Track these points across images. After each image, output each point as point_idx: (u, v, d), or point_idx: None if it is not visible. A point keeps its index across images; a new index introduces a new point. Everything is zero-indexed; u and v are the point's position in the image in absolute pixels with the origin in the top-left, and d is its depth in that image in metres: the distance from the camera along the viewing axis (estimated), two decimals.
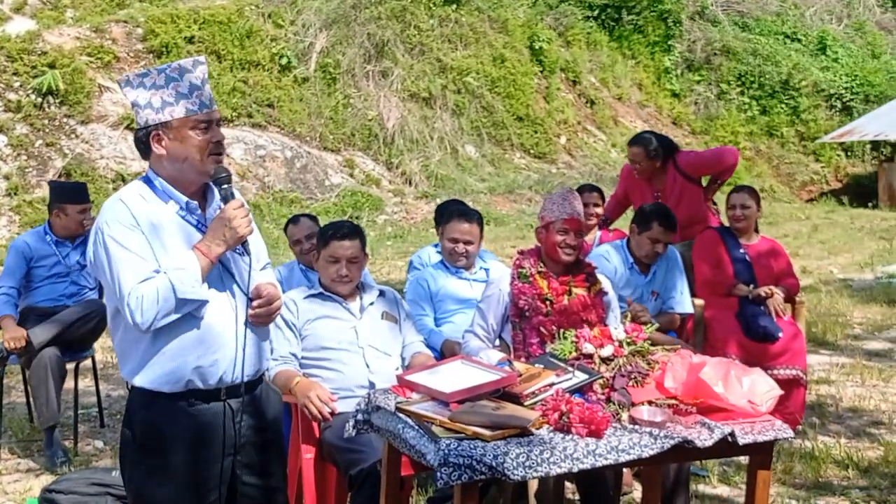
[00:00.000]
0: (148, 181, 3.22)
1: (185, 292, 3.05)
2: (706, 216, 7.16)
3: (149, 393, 3.18)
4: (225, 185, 3.20)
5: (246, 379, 3.25)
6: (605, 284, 4.90)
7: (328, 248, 4.70)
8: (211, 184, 3.25)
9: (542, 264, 4.78)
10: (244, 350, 3.20)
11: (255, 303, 3.23)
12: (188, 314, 3.11)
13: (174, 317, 3.07)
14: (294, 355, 4.61)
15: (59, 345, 6.07)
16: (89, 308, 6.27)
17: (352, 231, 4.79)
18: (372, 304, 4.79)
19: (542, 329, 4.63)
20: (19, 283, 6.28)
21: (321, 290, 4.73)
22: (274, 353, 4.45)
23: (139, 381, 3.18)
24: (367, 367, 4.61)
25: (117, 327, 3.21)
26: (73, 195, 6.51)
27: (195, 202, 3.22)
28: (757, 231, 6.72)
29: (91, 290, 6.54)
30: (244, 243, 3.20)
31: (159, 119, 3.14)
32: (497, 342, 4.90)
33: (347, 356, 4.61)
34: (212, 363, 3.17)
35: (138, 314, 3.03)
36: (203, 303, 3.12)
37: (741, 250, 6.54)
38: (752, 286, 6.41)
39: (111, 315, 3.24)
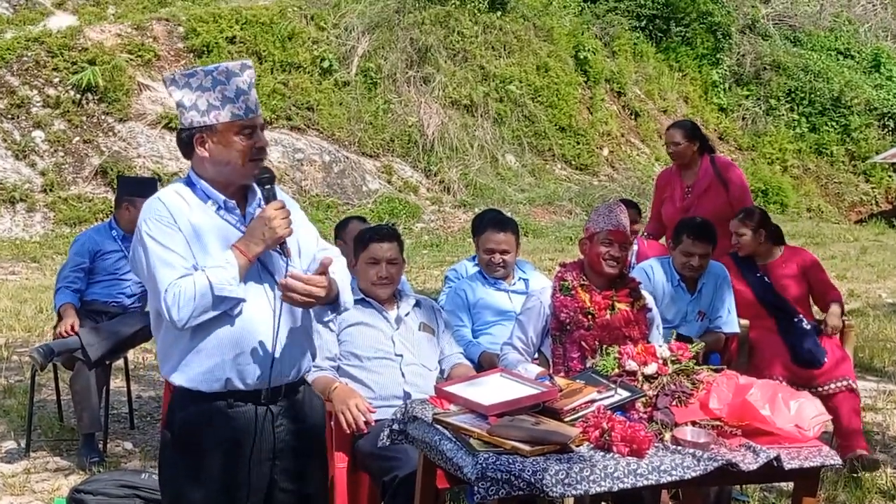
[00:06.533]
0: (189, 182, 3.24)
1: (222, 289, 3.04)
2: (729, 218, 7.04)
3: (188, 392, 3.19)
4: (268, 186, 3.20)
5: (286, 381, 3.25)
6: (649, 300, 4.80)
7: (368, 251, 4.66)
8: (254, 184, 3.26)
9: (584, 277, 4.68)
10: (274, 350, 3.17)
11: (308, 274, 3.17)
12: (225, 313, 3.11)
13: (211, 314, 3.07)
14: (333, 359, 4.53)
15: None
16: (144, 322, 6.24)
17: (390, 233, 4.78)
18: (408, 314, 4.73)
19: (583, 343, 4.54)
20: (82, 275, 6.30)
21: (361, 295, 4.64)
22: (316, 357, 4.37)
23: (178, 379, 3.19)
24: (403, 377, 4.54)
25: (158, 327, 3.23)
26: (144, 189, 6.53)
27: (233, 201, 3.23)
28: (779, 244, 6.47)
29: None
30: (282, 244, 3.17)
31: (204, 122, 3.14)
32: (535, 356, 4.81)
33: (383, 366, 4.55)
34: (249, 362, 3.16)
35: (175, 310, 3.04)
36: (240, 301, 3.12)
37: (758, 273, 6.34)
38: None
39: (153, 316, 3.24)
